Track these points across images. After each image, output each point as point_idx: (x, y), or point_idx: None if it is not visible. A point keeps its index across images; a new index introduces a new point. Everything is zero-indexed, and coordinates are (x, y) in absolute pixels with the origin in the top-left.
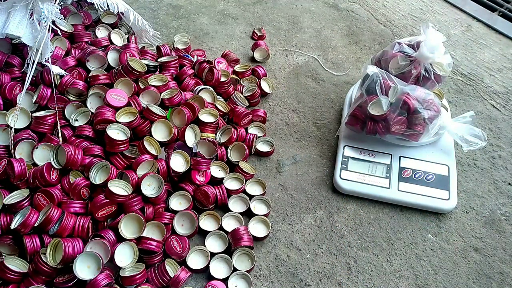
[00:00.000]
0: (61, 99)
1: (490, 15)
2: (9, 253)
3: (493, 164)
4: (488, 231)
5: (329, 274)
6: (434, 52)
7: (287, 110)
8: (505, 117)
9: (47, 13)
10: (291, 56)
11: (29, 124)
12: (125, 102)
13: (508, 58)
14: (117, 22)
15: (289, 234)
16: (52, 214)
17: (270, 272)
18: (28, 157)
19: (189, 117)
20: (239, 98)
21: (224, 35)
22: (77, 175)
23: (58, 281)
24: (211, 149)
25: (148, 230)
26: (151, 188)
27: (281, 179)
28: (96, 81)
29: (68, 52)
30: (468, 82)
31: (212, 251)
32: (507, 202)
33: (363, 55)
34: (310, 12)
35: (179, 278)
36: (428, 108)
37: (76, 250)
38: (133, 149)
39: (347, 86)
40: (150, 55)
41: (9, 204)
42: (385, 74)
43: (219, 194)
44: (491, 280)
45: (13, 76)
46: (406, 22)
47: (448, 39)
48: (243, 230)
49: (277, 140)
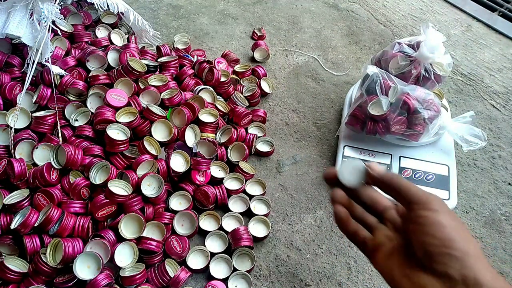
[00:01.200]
0: (61, 99)
1: (490, 15)
2: (9, 253)
3: (493, 164)
4: (488, 231)
5: (329, 274)
6: (434, 52)
7: (287, 110)
8: (505, 117)
9: (47, 13)
10: (291, 56)
11: (29, 124)
12: (125, 102)
13: (508, 58)
14: (117, 22)
15: (289, 234)
16: (52, 214)
17: (270, 272)
18: (28, 157)
19: (189, 117)
20: (239, 98)
21: (224, 35)
22: (77, 175)
23: (58, 281)
24: (211, 149)
25: (148, 230)
26: (151, 188)
27: (281, 179)
28: (96, 81)
29: (68, 52)
30: (468, 82)
31: (212, 251)
32: (507, 202)
33: (363, 55)
34: (310, 12)
35: (179, 278)
36: (428, 108)
37: (76, 250)
38: (133, 149)
39: (347, 86)
40: (150, 55)
41: (9, 204)
42: (385, 74)
43: (219, 194)
44: None
45: (13, 76)
46: (406, 22)
47: (448, 39)
48: (243, 230)
49: (277, 140)
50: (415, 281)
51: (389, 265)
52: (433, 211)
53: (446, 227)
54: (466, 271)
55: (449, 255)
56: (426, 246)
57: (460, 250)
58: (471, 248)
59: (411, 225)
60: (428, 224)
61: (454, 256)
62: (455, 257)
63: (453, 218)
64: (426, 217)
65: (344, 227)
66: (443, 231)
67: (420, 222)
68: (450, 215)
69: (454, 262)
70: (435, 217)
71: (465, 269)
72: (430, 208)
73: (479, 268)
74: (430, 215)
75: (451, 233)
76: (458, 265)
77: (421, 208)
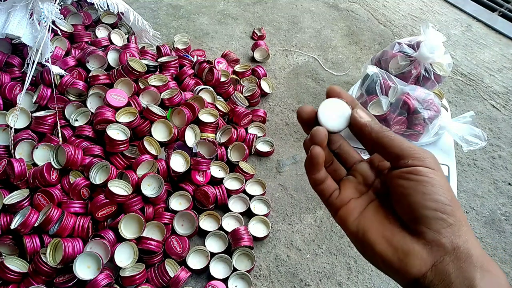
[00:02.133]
0: (61, 99)
1: (490, 15)
2: (9, 253)
3: (493, 164)
4: (488, 231)
5: (329, 274)
6: (434, 52)
7: (287, 110)
8: (505, 117)
9: (47, 13)
10: (291, 56)
11: (29, 124)
12: (125, 102)
13: (508, 58)
14: (117, 22)
15: (289, 234)
16: (52, 214)
17: (270, 272)
18: (28, 157)
19: (189, 117)
20: (239, 98)
21: (224, 35)
22: (77, 175)
23: (58, 281)
24: (211, 149)
25: (148, 230)
26: (151, 188)
27: (281, 179)
28: (96, 81)
29: (68, 52)
30: (468, 82)
31: (212, 251)
32: (507, 202)
33: (363, 55)
34: (310, 12)
35: (179, 278)
36: (428, 108)
37: (76, 250)
38: (133, 149)
39: (347, 86)
40: (150, 55)
41: (9, 204)
42: (385, 74)
43: (219, 194)
44: None
45: (13, 76)
46: (406, 22)
47: (448, 39)
48: (243, 230)
49: (277, 140)
50: (396, 245)
51: (361, 224)
52: (429, 169)
53: (443, 188)
54: (458, 241)
55: (443, 221)
56: (419, 208)
57: (455, 217)
58: (463, 215)
59: (400, 181)
60: (423, 183)
61: (449, 223)
62: (449, 224)
63: (446, 180)
64: (421, 174)
65: (314, 173)
66: (441, 193)
67: (414, 179)
68: (444, 176)
69: (447, 230)
70: (433, 176)
71: (458, 238)
72: (426, 165)
73: (470, 239)
74: (426, 172)
75: (448, 197)
76: (450, 233)
77: (416, 164)
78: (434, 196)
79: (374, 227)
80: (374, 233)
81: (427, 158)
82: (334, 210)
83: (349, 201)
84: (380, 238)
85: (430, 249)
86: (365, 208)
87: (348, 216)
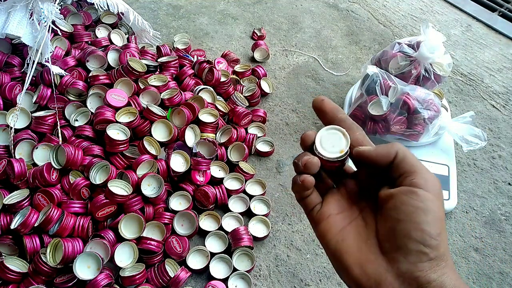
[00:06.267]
0: (61, 99)
1: (490, 15)
2: (9, 253)
3: (493, 164)
4: (488, 231)
5: (329, 274)
6: (434, 52)
7: (287, 110)
8: (505, 117)
9: (47, 13)
10: (291, 56)
11: (29, 124)
12: (125, 102)
13: (508, 58)
14: (117, 22)
15: (289, 234)
16: (52, 214)
17: (270, 272)
18: (28, 157)
19: (189, 117)
20: (239, 98)
21: (224, 35)
22: (77, 175)
23: (58, 281)
24: (211, 149)
25: (148, 230)
26: (151, 188)
27: (281, 179)
28: (96, 81)
29: (68, 52)
30: (468, 82)
31: (212, 251)
32: (507, 202)
33: (363, 55)
34: (310, 12)
35: (179, 278)
36: (428, 108)
37: (76, 250)
38: (133, 149)
39: (347, 86)
40: (150, 55)
41: (9, 204)
42: (385, 74)
43: (219, 194)
44: (491, 280)
45: (13, 76)
46: (406, 22)
47: (448, 39)
48: (243, 230)
49: (277, 140)
50: (370, 274)
51: (339, 245)
52: (429, 194)
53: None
54: (433, 276)
55: (424, 255)
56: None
57: (438, 251)
58: (447, 249)
59: (396, 203)
60: (418, 210)
61: (430, 257)
62: (429, 258)
63: (443, 209)
64: (419, 200)
65: (303, 193)
66: (432, 224)
67: (410, 204)
68: (442, 204)
69: (425, 264)
70: (429, 204)
71: (433, 273)
72: (427, 190)
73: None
74: (424, 199)
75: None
76: (428, 267)
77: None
78: (424, 226)
79: (351, 251)
80: (351, 257)
81: (429, 180)
82: (314, 224)
83: (329, 216)
84: (356, 264)
85: (402, 282)
86: (347, 226)
87: (326, 233)
